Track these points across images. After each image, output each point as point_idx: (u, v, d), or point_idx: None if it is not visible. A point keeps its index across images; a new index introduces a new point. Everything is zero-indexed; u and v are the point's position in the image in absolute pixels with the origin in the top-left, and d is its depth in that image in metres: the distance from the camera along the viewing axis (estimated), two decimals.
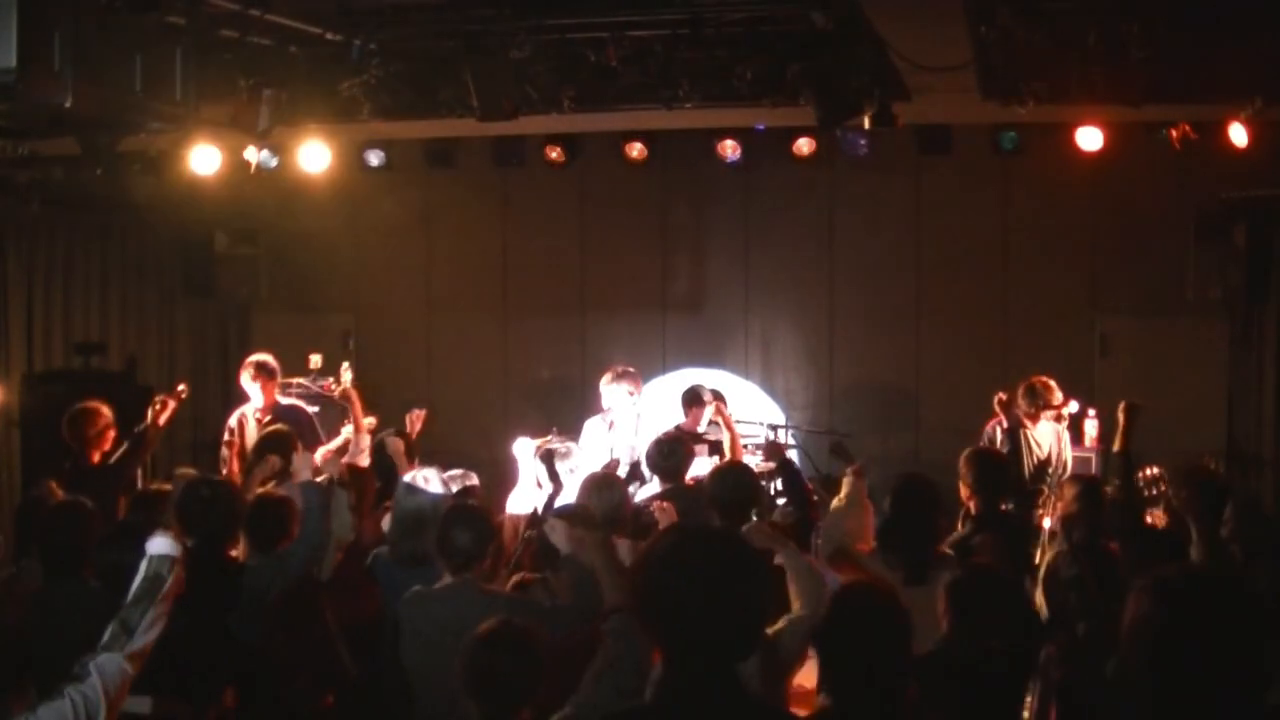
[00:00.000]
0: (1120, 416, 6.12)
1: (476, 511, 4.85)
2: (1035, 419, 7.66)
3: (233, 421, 8.08)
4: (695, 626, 2.51)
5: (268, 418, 7.86)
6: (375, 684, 5.04)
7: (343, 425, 7.49)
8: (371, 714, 5.07)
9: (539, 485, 6.65)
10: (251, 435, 7.69)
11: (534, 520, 5.46)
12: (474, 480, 6.15)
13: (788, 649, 4.08)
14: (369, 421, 7.25)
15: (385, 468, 6.30)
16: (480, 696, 3.56)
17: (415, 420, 7.02)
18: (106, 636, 3.27)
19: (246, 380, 7.99)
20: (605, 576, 4.01)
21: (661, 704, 2.56)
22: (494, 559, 4.79)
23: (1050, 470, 7.62)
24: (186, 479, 5.97)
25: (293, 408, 8.10)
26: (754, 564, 2.63)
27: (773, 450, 6.87)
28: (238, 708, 4.27)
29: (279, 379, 8.19)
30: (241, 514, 5.06)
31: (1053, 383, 7.71)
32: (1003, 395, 7.66)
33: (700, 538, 2.69)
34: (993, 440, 7.67)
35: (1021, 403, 7.64)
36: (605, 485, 5.47)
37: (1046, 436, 7.70)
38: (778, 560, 4.38)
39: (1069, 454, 7.83)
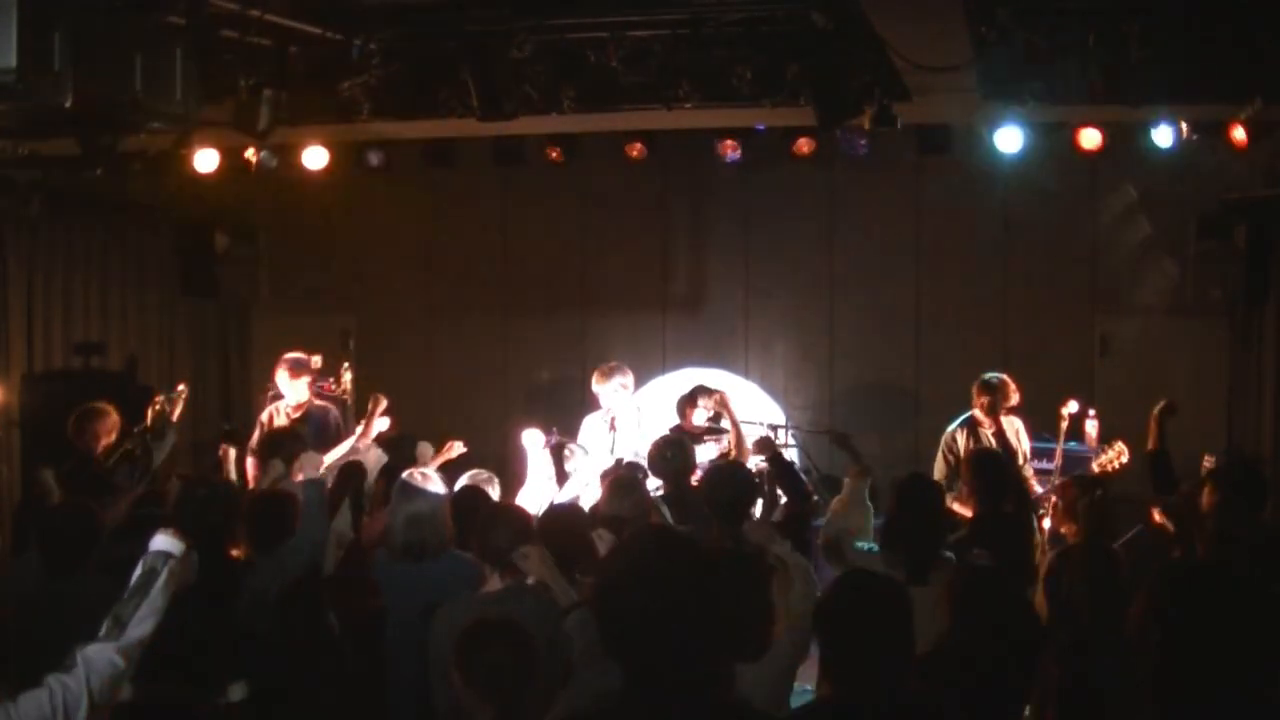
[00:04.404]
0: (1154, 414, 6.13)
1: (515, 510, 4.89)
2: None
3: (264, 417, 8.12)
4: (649, 630, 2.48)
5: (299, 415, 7.91)
6: (377, 682, 5.05)
7: (352, 429, 7.51)
8: (373, 712, 5.08)
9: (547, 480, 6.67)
10: None
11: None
12: (495, 484, 6.15)
13: (786, 651, 4.09)
14: (384, 422, 7.26)
15: (395, 469, 6.30)
16: (484, 692, 3.57)
17: (448, 449, 7.01)
18: (101, 631, 3.28)
19: (283, 377, 8.01)
20: (552, 581, 4.20)
21: (622, 708, 2.54)
22: None
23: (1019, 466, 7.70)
24: (185, 479, 5.99)
25: (323, 409, 8.12)
26: (710, 566, 2.61)
27: (762, 445, 6.89)
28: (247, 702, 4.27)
29: (311, 377, 8.19)
30: (240, 513, 5.07)
31: (1005, 377, 7.81)
32: (986, 397, 7.71)
33: (655, 542, 2.66)
34: (954, 445, 7.75)
35: (983, 400, 7.75)
36: (628, 488, 5.51)
37: (1007, 430, 7.83)
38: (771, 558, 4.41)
39: (1026, 445, 7.92)
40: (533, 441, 6.86)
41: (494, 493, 5.98)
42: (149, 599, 3.33)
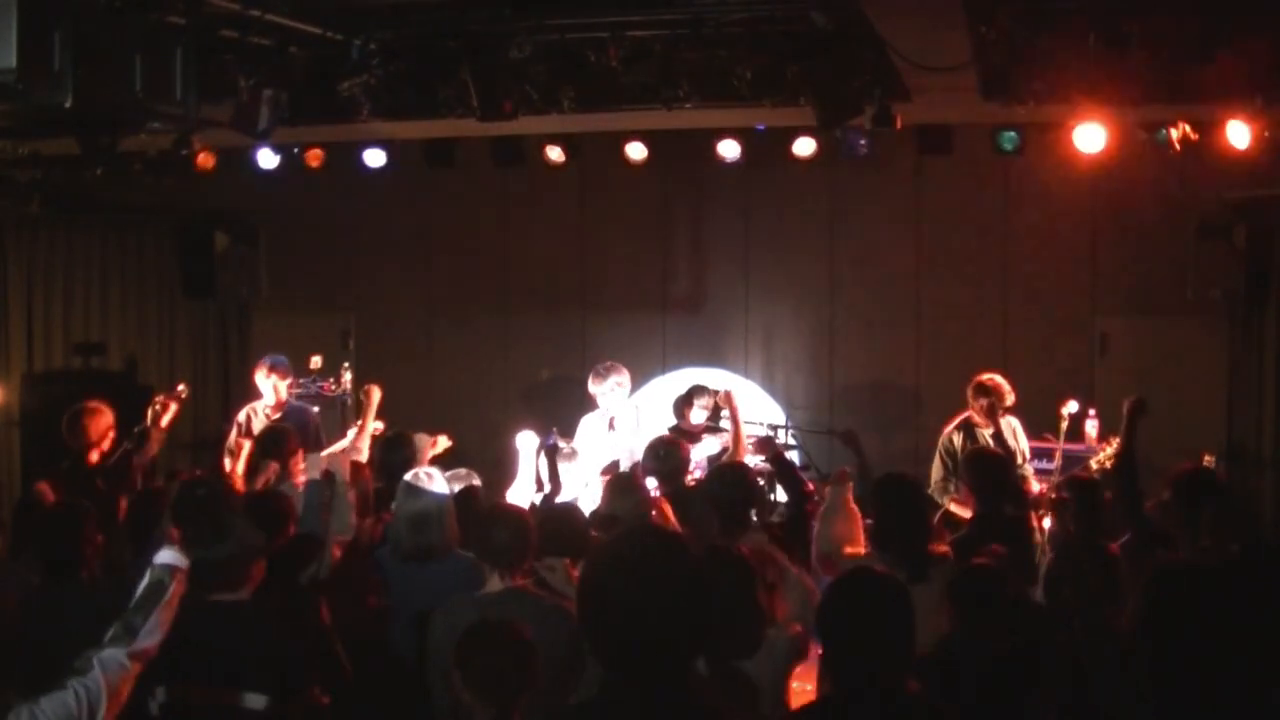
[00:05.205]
0: (1124, 412, 6.09)
1: (514, 510, 4.89)
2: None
3: (241, 417, 8.10)
4: (630, 628, 2.47)
5: (277, 415, 7.90)
6: (375, 683, 5.04)
7: (349, 427, 7.50)
8: (370, 714, 5.07)
9: (539, 484, 6.67)
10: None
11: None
12: (476, 481, 6.14)
13: (783, 650, 4.09)
14: (377, 425, 7.25)
15: (390, 468, 6.29)
16: (485, 694, 3.59)
17: (434, 444, 7.00)
18: (109, 635, 3.32)
19: (262, 378, 8.02)
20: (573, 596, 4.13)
21: (602, 706, 2.54)
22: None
23: (1018, 466, 7.72)
24: (184, 479, 5.98)
25: (302, 409, 8.12)
26: (695, 566, 2.58)
27: (763, 445, 6.89)
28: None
29: (293, 379, 8.21)
30: (236, 513, 5.05)
31: (1000, 379, 7.85)
32: (984, 400, 7.73)
33: (640, 541, 2.64)
34: (951, 447, 7.78)
35: (981, 403, 7.77)
36: (627, 488, 5.51)
37: (1005, 431, 7.85)
38: (770, 578, 4.45)
39: (1025, 444, 7.95)
40: (526, 444, 6.86)
41: None
42: (158, 610, 3.40)
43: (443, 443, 7.01)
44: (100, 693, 3.16)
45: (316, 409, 8.36)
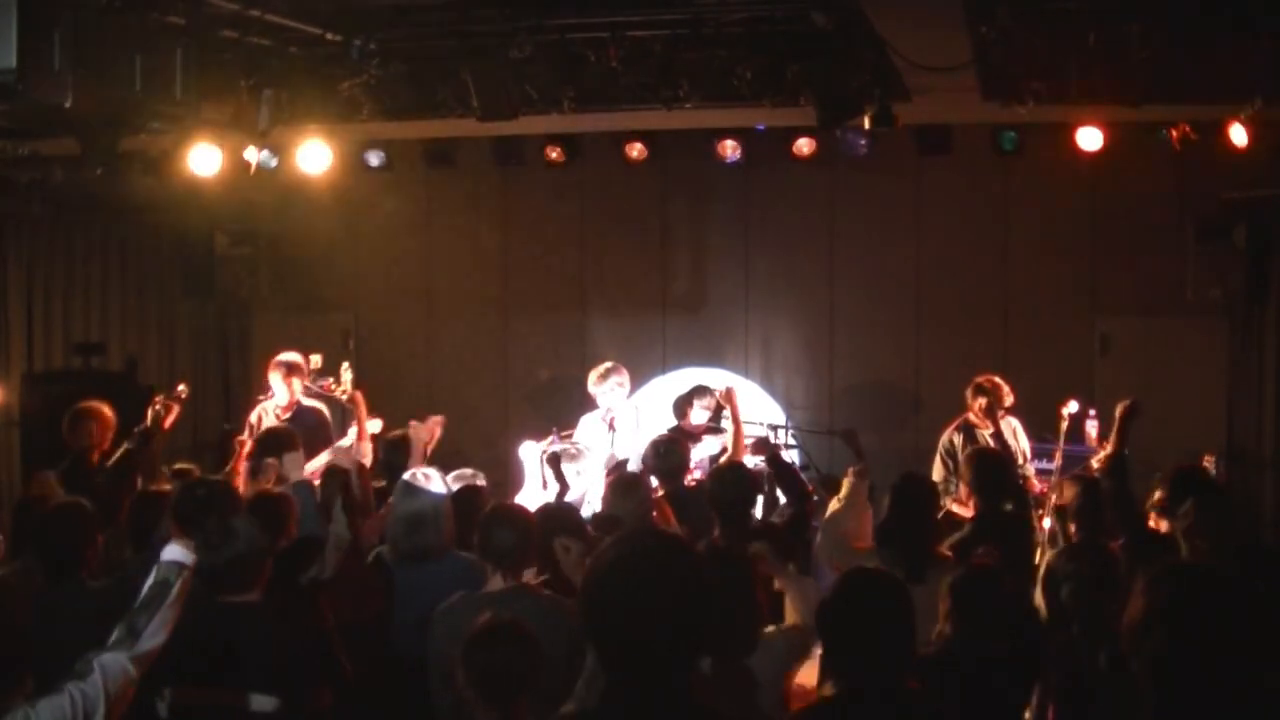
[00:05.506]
0: (1117, 414, 6.10)
1: (516, 510, 4.90)
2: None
3: (253, 417, 8.10)
4: (632, 631, 2.46)
5: (288, 415, 7.91)
6: (376, 684, 5.05)
7: (348, 428, 7.51)
8: (369, 713, 5.07)
9: (544, 486, 6.67)
10: None
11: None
12: (482, 481, 6.14)
13: (786, 649, 4.09)
14: (375, 424, 7.25)
15: (394, 467, 6.29)
16: (488, 694, 3.58)
17: (433, 426, 7.00)
18: (112, 638, 3.29)
19: (276, 378, 8.02)
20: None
21: (604, 708, 2.53)
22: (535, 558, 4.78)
23: (1019, 465, 7.72)
24: (184, 479, 5.97)
25: (312, 409, 8.12)
26: (697, 568, 2.57)
27: (760, 446, 6.89)
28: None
29: (304, 379, 8.21)
30: (239, 514, 5.05)
31: (998, 379, 7.88)
32: (982, 400, 7.75)
33: (643, 543, 2.62)
34: (951, 448, 7.81)
35: (980, 404, 7.78)
36: (630, 489, 5.51)
37: (1005, 431, 7.85)
38: (778, 585, 4.45)
39: (1025, 444, 7.97)
40: (529, 453, 6.89)
41: None
42: (161, 611, 3.36)
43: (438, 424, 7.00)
44: (98, 697, 3.14)
45: (325, 409, 8.36)
